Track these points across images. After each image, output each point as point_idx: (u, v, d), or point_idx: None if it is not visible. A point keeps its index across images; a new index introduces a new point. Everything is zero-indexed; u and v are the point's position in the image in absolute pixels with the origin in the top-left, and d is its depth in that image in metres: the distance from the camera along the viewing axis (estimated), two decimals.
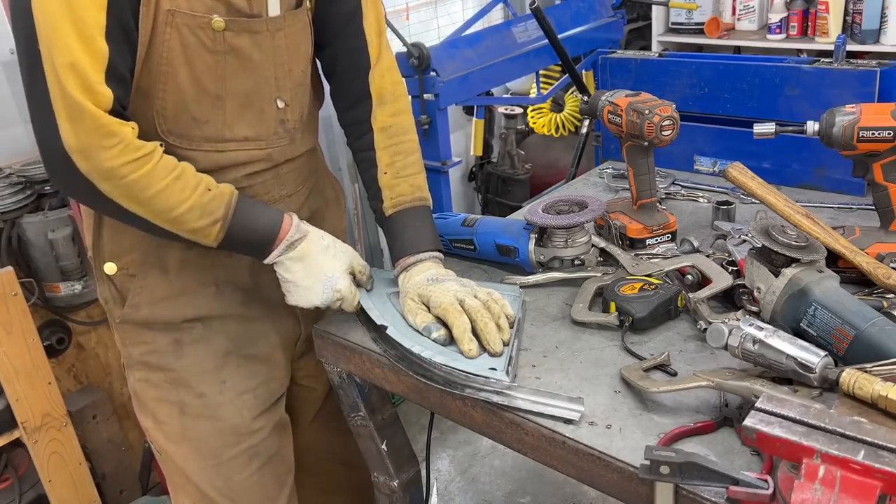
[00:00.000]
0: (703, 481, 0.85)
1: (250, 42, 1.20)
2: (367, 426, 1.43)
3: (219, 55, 1.18)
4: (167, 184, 1.13)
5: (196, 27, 1.14)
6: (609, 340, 1.22)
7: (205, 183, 1.18)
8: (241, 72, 1.21)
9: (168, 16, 1.12)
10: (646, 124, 1.40)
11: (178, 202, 1.15)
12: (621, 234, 1.48)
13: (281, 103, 1.29)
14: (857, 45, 3.03)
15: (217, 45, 1.17)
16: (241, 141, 1.26)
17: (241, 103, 1.24)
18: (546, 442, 1.04)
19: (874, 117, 1.29)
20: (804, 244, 1.15)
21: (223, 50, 1.17)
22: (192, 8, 1.13)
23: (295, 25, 1.26)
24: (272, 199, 1.35)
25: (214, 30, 1.15)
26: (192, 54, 1.16)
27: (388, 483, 1.49)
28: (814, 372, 0.96)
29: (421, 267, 1.31)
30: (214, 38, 1.16)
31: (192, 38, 1.14)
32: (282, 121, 1.30)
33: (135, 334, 1.36)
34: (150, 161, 1.12)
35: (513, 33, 2.83)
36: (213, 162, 1.25)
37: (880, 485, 0.74)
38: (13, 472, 2.15)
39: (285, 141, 1.33)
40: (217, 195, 1.18)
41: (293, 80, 1.30)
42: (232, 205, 1.19)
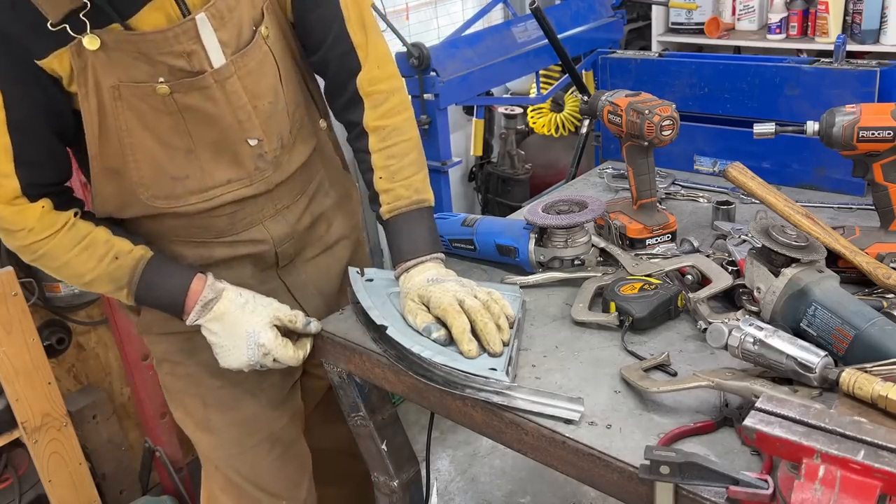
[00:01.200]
0: (703, 481, 0.85)
1: (201, 98, 1.19)
2: (367, 426, 1.43)
3: (175, 115, 1.18)
4: (72, 256, 1.22)
5: (144, 95, 1.15)
6: (609, 340, 1.22)
7: (114, 251, 1.24)
8: (203, 124, 1.21)
9: (113, 91, 1.13)
10: (646, 124, 1.40)
11: (85, 271, 1.23)
12: (621, 234, 1.48)
13: (253, 141, 1.27)
14: (857, 45, 3.03)
15: (170, 107, 1.17)
16: (225, 185, 1.28)
17: (212, 151, 1.24)
18: (546, 442, 1.04)
19: (874, 117, 1.29)
20: (804, 244, 1.15)
21: (177, 110, 1.18)
22: (133, 78, 1.13)
23: (248, 65, 1.23)
24: (267, 216, 1.36)
25: (161, 95, 1.15)
26: (150, 120, 1.17)
27: (388, 483, 1.49)
28: (814, 372, 0.96)
29: (421, 268, 1.30)
30: (165, 102, 1.16)
31: (143, 106, 1.16)
32: (259, 155, 1.29)
33: (153, 337, 1.44)
34: (55, 237, 1.20)
35: (513, 33, 2.83)
36: (204, 210, 1.28)
37: (880, 485, 0.74)
38: (13, 472, 2.15)
39: (269, 171, 1.32)
40: (123, 264, 1.24)
41: (261, 116, 1.27)
42: (137, 271, 1.25)
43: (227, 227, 1.34)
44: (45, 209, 1.19)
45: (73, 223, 1.22)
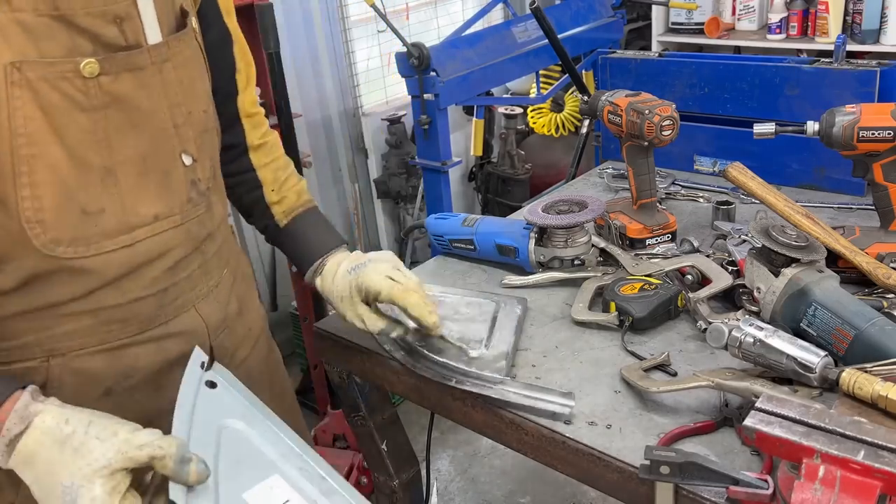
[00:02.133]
0: (703, 481, 0.85)
1: (134, 84, 0.92)
2: (367, 426, 1.43)
3: (97, 112, 0.88)
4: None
5: (58, 79, 0.84)
6: (609, 340, 1.22)
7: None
8: (130, 128, 0.92)
9: (12, 71, 0.81)
10: (646, 124, 1.40)
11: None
12: (621, 234, 1.48)
13: (188, 159, 1.01)
14: (857, 45, 3.03)
15: (92, 99, 0.87)
16: (152, 223, 0.97)
17: (137, 171, 0.94)
18: (546, 442, 1.04)
19: (874, 117, 1.29)
20: (804, 244, 1.15)
21: (101, 104, 0.88)
22: (44, 53, 0.83)
23: (184, 52, 1.00)
24: (199, 296, 1.09)
25: (85, 77, 0.86)
26: (60, 119, 0.85)
27: (388, 483, 1.49)
28: (814, 372, 0.96)
29: (333, 262, 1.18)
30: (87, 90, 0.86)
31: (55, 97, 0.84)
32: (193, 182, 1.03)
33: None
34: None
35: (513, 33, 2.84)
36: (124, 263, 0.95)
37: (880, 485, 0.74)
38: None
39: (202, 209, 1.05)
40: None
41: (196, 126, 1.03)
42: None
43: (155, 313, 1.02)
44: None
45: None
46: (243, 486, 0.84)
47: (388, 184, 3.37)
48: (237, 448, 0.88)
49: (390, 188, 3.37)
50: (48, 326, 0.94)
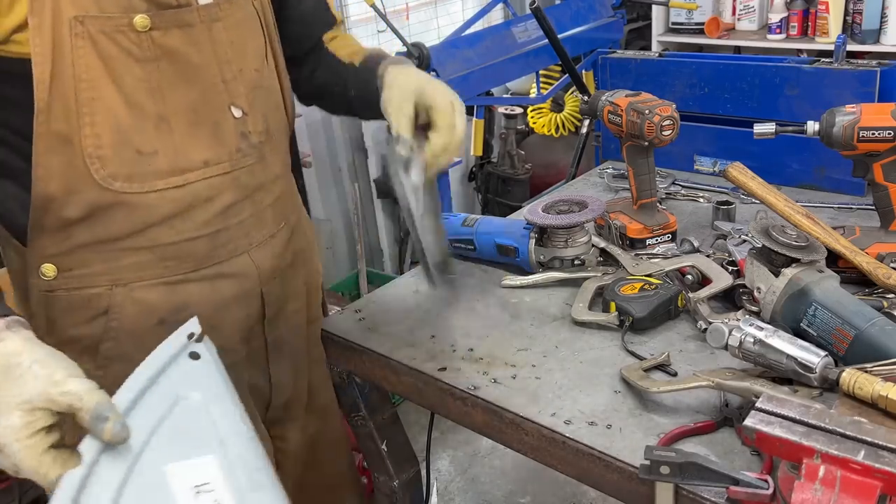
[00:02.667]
0: (703, 481, 0.85)
1: (184, 40, 1.00)
2: (367, 426, 1.43)
3: (150, 64, 0.98)
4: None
5: (114, 32, 0.94)
6: (609, 340, 1.22)
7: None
8: (181, 80, 1.01)
9: (75, 25, 0.91)
10: (646, 124, 1.40)
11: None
12: (621, 234, 1.48)
13: (237, 111, 1.08)
14: (857, 45, 3.03)
15: (145, 51, 0.97)
16: (201, 167, 1.05)
17: (189, 120, 1.03)
18: (546, 442, 1.04)
19: (874, 117, 1.29)
20: (804, 244, 1.15)
21: (153, 56, 0.98)
22: (103, 8, 0.93)
23: (235, 15, 1.07)
24: (253, 243, 1.16)
25: (138, 31, 0.95)
26: (117, 68, 0.95)
27: (388, 483, 1.49)
28: (814, 372, 0.96)
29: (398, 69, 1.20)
30: (140, 43, 0.96)
31: (112, 48, 0.94)
32: (243, 134, 1.10)
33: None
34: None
35: (513, 33, 2.83)
36: (176, 201, 1.04)
37: (880, 485, 0.74)
38: None
39: (252, 159, 1.12)
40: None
41: (247, 83, 1.10)
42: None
43: (208, 254, 1.10)
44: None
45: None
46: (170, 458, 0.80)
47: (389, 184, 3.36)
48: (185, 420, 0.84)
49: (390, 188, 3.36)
50: (112, 259, 1.04)
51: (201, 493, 0.80)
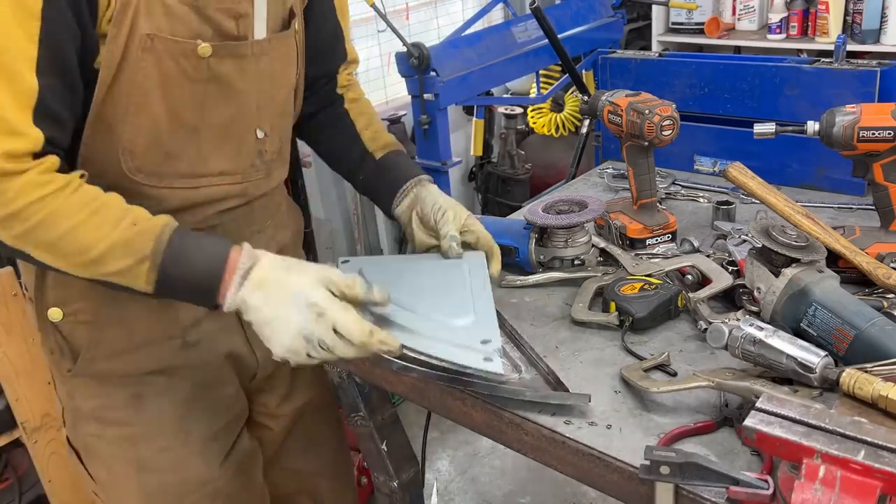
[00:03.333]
0: (703, 481, 0.85)
1: (234, 68, 1.09)
2: (367, 426, 1.43)
3: (199, 84, 1.06)
4: (80, 220, 0.95)
5: (179, 55, 1.02)
6: (609, 340, 1.22)
7: (131, 216, 0.99)
8: (222, 100, 1.10)
9: (146, 41, 0.99)
10: (646, 124, 1.40)
11: (95, 240, 0.96)
12: (621, 234, 1.48)
13: (261, 133, 1.18)
14: (857, 45, 3.03)
15: (199, 74, 1.05)
16: (216, 175, 1.15)
17: (218, 134, 1.12)
18: (546, 442, 1.04)
19: (874, 117, 1.29)
20: (804, 244, 1.15)
21: (204, 78, 1.06)
22: (174, 32, 1.01)
23: (280, 49, 1.17)
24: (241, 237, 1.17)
25: (199, 56, 1.03)
26: (170, 84, 1.03)
27: (388, 483, 1.49)
28: (814, 372, 0.96)
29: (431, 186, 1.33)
30: (197, 66, 1.04)
31: (172, 67, 1.02)
32: (260, 152, 1.20)
33: (86, 388, 1.21)
34: (59, 196, 0.95)
35: (513, 33, 2.83)
36: (185, 199, 1.13)
37: (880, 485, 0.74)
38: (13, 473, 2.15)
39: (262, 174, 1.22)
40: (144, 229, 0.99)
41: (275, 109, 1.21)
42: (163, 239, 0.99)
43: None
44: (47, 166, 0.95)
45: (80, 185, 0.98)
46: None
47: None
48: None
49: None
50: None
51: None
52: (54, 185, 0.95)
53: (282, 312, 1.00)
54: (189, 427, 1.26)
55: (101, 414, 1.22)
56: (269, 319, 1.01)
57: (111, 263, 0.97)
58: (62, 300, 1.14)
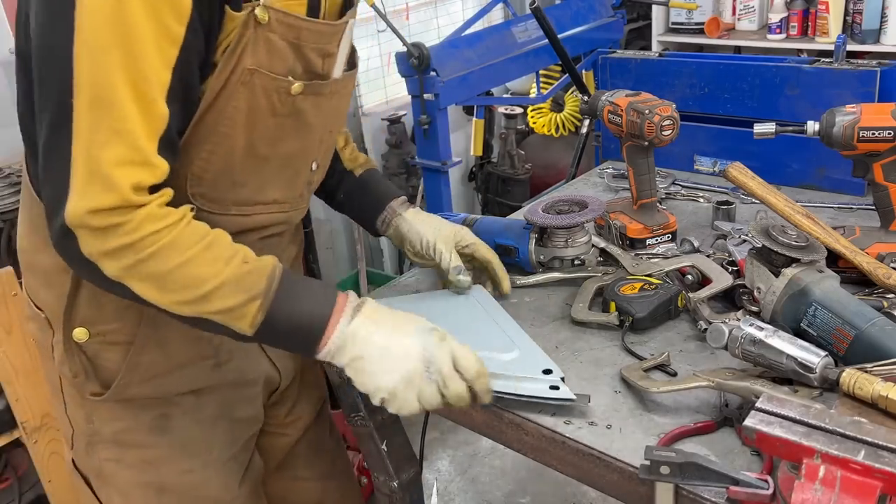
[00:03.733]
0: (704, 481, 0.85)
1: (313, 104, 1.08)
2: (367, 426, 1.43)
3: (281, 118, 1.04)
4: (195, 253, 0.94)
5: (273, 90, 1.00)
6: (609, 340, 1.22)
7: (242, 254, 0.98)
8: (294, 133, 1.09)
9: (246, 75, 0.97)
10: (646, 124, 1.40)
11: (209, 275, 0.94)
12: (621, 234, 1.48)
13: (315, 165, 1.19)
14: (857, 45, 3.03)
15: (283, 109, 1.04)
16: (269, 204, 1.13)
17: (281, 165, 1.11)
18: (546, 442, 1.04)
19: (874, 117, 1.29)
20: (804, 244, 1.15)
21: (286, 113, 1.04)
22: (272, 68, 0.99)
23: (348, 87, 1.17)
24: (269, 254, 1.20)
25: (290, 94, 1.02)
26: (255, 117, 1.02)
27: (388, 483, 1.49)
28: (814, 372, 0.96)
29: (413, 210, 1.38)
30: (284, 102, 1.03)
31: (263, 101, 1.01)
32: (308, 183, 1.21)
33: (110, 411, 1.16)
34: (176, 228, 0.93)
35: (513, 33, 2.83)
36: (237, 225, 1.10)
37: (880, 485, 0.74)
38: (13, 473, 2.15)
39: (305, 202, 1.23)
40: (255, 268, 0.98)
41: (330, 143, 1.22)
42: (275, 277, 0.98)
43: None
44: (165, 199, 0.94)
45: (190, 219, 0.96)
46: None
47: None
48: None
49: None
50: None
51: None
52: (172, 217, 0.93)
53: (398, 340, 1.00)
54: (211, 447, 1.24)
55: (123, 437, 1.18)
56: (384, 349, 1.00)
57: (219, 301, 0.95)
58: (91, 320, 1.09)
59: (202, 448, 1.22)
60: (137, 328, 1.10)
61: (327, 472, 1.55)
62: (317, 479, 1.52)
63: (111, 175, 0.87)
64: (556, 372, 1.09)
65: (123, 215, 0.89)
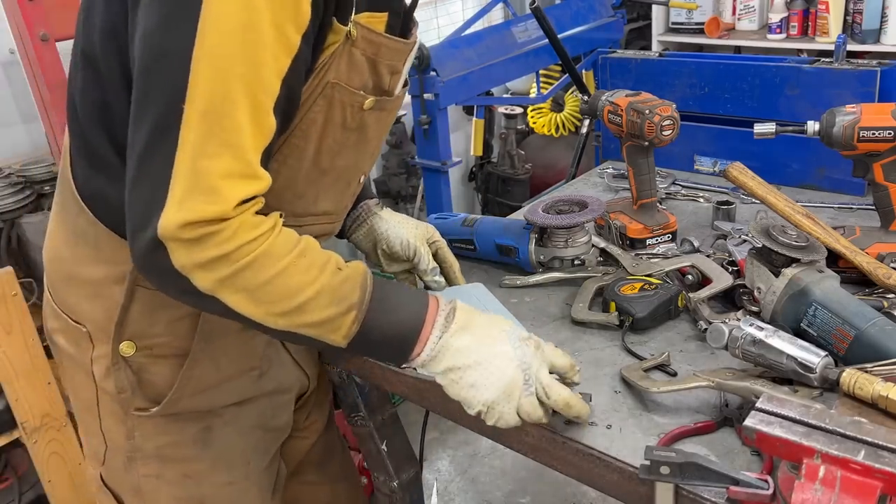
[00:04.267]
0: (704, 481, 0.85)
1: (375, 119, 1.08)
2: (367, 426, 1.43)
3: (347, 132, 1.04)
4: (291, 261, 0.89)
5: (349, 104, 1.00)
6: (609, 340, 1.22)
7: (335, 260, 0.95)
8: (354, 148, 1.08)
9: (328, 87, 0.97)
10: (646, 124, 1.40)
11: (304, 283, 0.90)
12: (621, 234, 1.48)
13: (363, 178, 1.21)
14: (857, 45, 3.03)
15: (353, 122, 1.03)
16: (320, 215, 1.13)
17: (336, 177, 1.11)
18: (546, 442, 1.04)
19: (874, 117, 1.29)
20: (804, 244, 1.15)
21: (354, 127, 1.04)
22: (350, 82, 0.99)
23: (398, 102, 1.14)
24: None
25: (362, 108, 1.02)
26: (329, 130, 1.01)
27: (388, 483, 1.49)
28: (814, 372, 0.96)
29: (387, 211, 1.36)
30: (354, 116, 1.03)
31: (338, 115, 1.01)
32: (353, 194, 1.21)
33: (155, 426, 1.12)
34: (268, 237, 0.89)
35: (513, 33, 2.83)
36: None
37: (880, 485, 0.74)
38: (13, 473, 2.15)
39: (345, 215, 1.25)
40: (350, 275, 0.94)
41: (376, 155, 1.21)
42: (368, 285, 0.95)
43: None
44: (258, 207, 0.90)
45: (282, 227, 0.93)
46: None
47: (388, 183, 3.36)
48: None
49: (390, 188, 3.36)
50: None
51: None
52: (265, 225, 0.89)
53: (497, 349, 0.96)
54: (250, 458, 1.23)
55: (166, 452, 1.15)
56: (480, 360, 0.96)
57: (315, 312, 0.91)
58: (140, 333, 1.06)
59: (241, 460, 1.21)
60: (189, 342, 1.07)
61: (337, 474, 1.54)
62: (327, 482, 1.51)
63: (219, 187, 0.83)
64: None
65: (220, 226, 0.85)
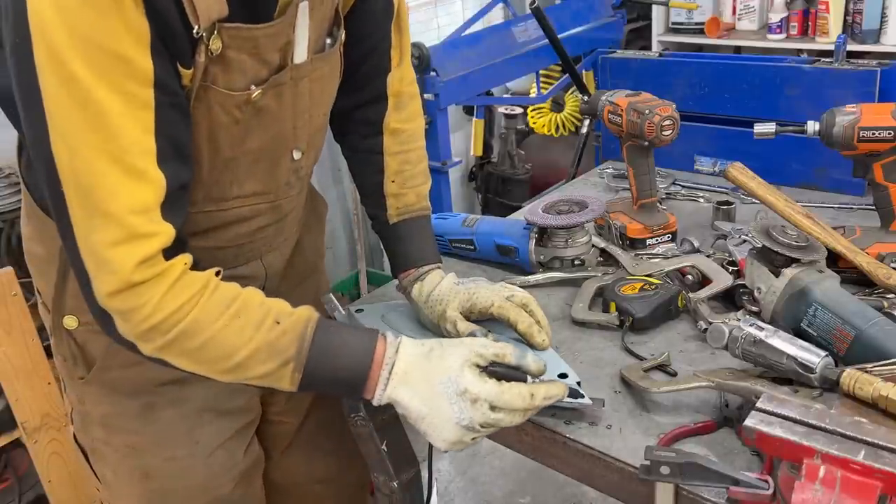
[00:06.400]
0: (704, 482, 0.85)
1: (273, 97, 1.03)
2: (367, 426, 1.42)
3: (242, 124, 1.01)
4: (222, 325, 0.92)
5: (231, 105, 0.97)
6: (609, 340, 1.22)
7: (273, 315, 0.96)
8: (258, 129, 1.04)
9: (200, 91, 0.94)
10: (646, 124, 1.40)
11: (239, 345, 0.93)
12: (621, 234, 1.48)
13: (297, 154, 1.13)
14: (857, 45, 3.03)
15: (244, 115, 1.00)
16: (249, 196, 1.10)
17: (252, 159, 1.07)
18: (546, 442, 1.04)
19: (874, 117, 1.29)
20: (804, 244, 1.15)
21: (248, 117, 1.01)
22: (230, 85, 0.95)
23: (322, 69, 1.09)
24: (269, 249, 1.22)
25: (252, 102, 0.99)
26: (215, 128, 0.99)
27: (388, 483, 1.49)
28: (814, 372, 0.96)
29: (435, 275, 1.22)
30: (244, 109, 0.99)
31: (220, 115, 0.98)
32: (295, 170, 1.15)
33: (97, 395, 1.17)
34: (197, 302, 0.91)
35: (513, 33, 2.84)
36: (216, 220, 1.09)
37: (881, 485, 0.74)
38: (13, 473, 2.15)
39: (295, 190, 1.18)
40: (287, 328, 0.95)
41: (313, 127, 1.14)
42: (307, 337, 0.96)
43: (229, 260, 1.15)
44: (182, 267, 0.91)
45: (217, 284, 0.94)
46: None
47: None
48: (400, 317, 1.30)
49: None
50: None
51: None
52: (192, 288, 0.91)
53: (434, 405, 0.96)
54: (198, 437, 1.24)
55: (109, 422, 1.20)
56: (423, 415, 0.98)
57: (255, 368, 0.94)
58: (79, 309, 1.10)
59: (187, 438, 1.22)
60: None
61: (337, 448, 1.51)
62: (329, 455, 1.49)
63: (109, 258, 0.86)
64: (572, 376, 1.08)
65: (139, 296, 0.87)
